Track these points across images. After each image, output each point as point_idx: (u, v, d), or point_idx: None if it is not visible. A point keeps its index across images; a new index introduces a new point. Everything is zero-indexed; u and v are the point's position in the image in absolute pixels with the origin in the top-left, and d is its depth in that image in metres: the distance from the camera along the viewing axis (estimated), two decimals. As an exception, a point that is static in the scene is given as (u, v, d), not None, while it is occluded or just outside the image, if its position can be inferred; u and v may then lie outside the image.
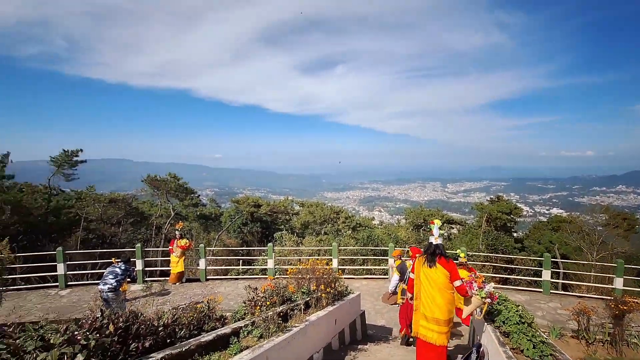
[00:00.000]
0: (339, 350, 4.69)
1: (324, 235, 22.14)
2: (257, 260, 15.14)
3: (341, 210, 27.97)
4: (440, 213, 30.73)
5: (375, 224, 33.82)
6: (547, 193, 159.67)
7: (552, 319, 7.59)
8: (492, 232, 24.83)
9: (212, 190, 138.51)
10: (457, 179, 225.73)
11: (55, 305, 8.29)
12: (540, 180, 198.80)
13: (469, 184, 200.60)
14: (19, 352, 2.58)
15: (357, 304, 6.09)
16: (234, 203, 25.49)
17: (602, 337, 5.72)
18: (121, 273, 6.48)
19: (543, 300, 8.97)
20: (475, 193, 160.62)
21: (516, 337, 3.62)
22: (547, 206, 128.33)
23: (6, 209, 17.08)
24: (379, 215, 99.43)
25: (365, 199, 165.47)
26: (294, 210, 27.42)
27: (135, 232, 22.32)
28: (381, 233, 24.63)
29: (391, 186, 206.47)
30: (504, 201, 30.25)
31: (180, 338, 3.34)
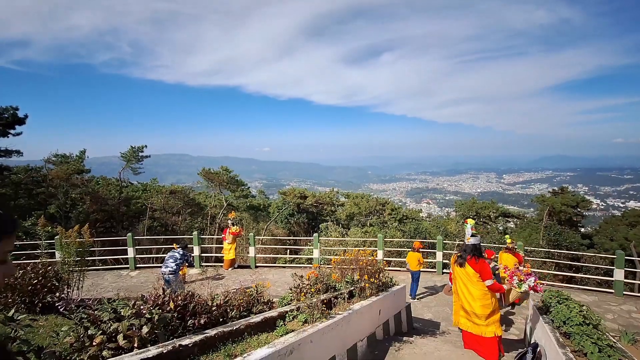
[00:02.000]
0: (384, 341, 4.68)
1: (369, 227, 21.99)
2: (304, 250, 15.51)
3: (387, 202, 27.54)
4: (495, 205, 28.97)
5: (422, 216, 32.83)
6: (622, 184, 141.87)
7: (624, 322, 6.86)
8: (555, 227, 22.89)
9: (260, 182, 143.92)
10: (514, 170, 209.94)
11: (127, 284, 9.27)
12: (615, 170, 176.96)
13: (529, 175, 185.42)
14: (97, 321, 2.99)
15: (402, 296, 6.01)
16: (281, 195, 26.28)
17: (686, 346, 5.05)
18: (180, 257, 7.07)
19: (614, 302, 8.12)
20: (536, 184, 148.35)
21: (578, 339, 3.33)
22: (623, 199, 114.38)
23: (86, 199, 19.37)
24: (427, 207, 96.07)
25: (412, 191, 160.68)
26: (339, 201, 27.57)
27: (192, 221, 24.04)
28: (429, 226, 23.89)
29: (440, 177, 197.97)
30: (569, 193, 27.67)
31: (232, 318, 3.58)
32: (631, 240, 20.12)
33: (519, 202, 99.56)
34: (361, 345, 4.25)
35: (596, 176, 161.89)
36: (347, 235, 18.49)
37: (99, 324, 3.02)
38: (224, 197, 24.92)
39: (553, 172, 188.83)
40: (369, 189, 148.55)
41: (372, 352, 4.35)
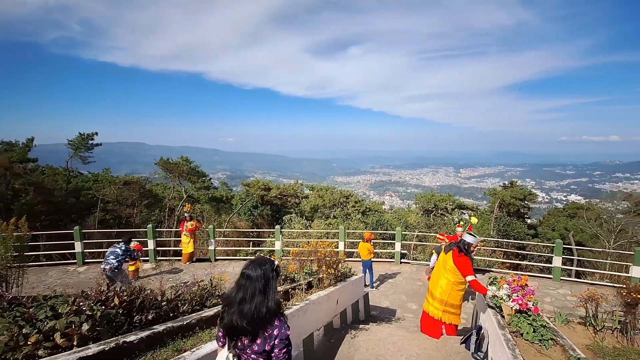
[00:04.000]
0: (340, 329, 4.77)
1: (333, 219, 22.25)
2: (266, 242, 15.40)
3: (351, 194, 27.97)
4: (452, 198, 30.40)
5: (385, 208, 33.79)
6: (565, 179, 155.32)
7: (560, 305, 7.53)
8: (504, 218, 24.52)
9: (224, 173, 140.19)
10: (471, 164, 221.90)
11: (74, 280, 8.66)
12: (559, 166, 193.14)
13: (483, 169, 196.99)
14: (32, 319, 2.76)
15: (360, 286, 6.15)
16: (245, 186, 25.78)
17: (612, 325, 5.62)
18: (121, 253, 6.68)
19: (553, 287, 8.89)
20: (490, 178, 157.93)
21: (516, 321, 3.59)
22: (565, 193, 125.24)
23: (30, 190, 17.76)
24: (389, 200, 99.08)
25: (376, 184, 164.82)
26: (303, 194, 27.57)
27: (149, 214, 22.93)
28: (390, 218, 24.62)
29: (403, 171, 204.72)
30: (517, 187, 29.68)
31: (183, 313, 3.46)
32: (570, 230, 22.03)
33: (474, 195, 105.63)
34: (318, 334, 4.30)
35: (542, 171, 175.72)
36: (311, 227, 18.59)
37: (34, 322, 2.80)
38: (183, 188, 23.99)
39: (505, 167, 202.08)
40: (334, 181, 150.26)
41: (329, 341, 4.42)
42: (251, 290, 1.81)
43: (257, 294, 1.80)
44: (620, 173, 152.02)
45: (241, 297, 1.81)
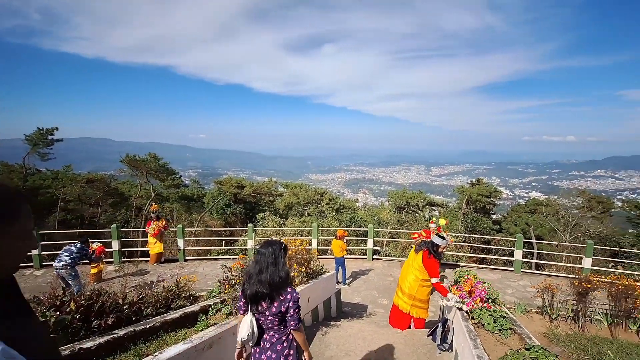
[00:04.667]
0: (312, 327, 4.78)
1: (307, 217, 22.27)
2: (238, 240, 15.16)
3: (325, 192, 28.09)
4: (423, 195, 31.23)
5: (359, 206, 34.19)
6: (527, 177, 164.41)
7: (520, 296, 7.94)
8: (472, 214, 25.56)
9: (195, 171, 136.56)
10: (441, 163, 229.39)
11: (30, 285, 8.12)
12: (522, 164, 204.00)
13: (453, 167, 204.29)
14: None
15: (332, 283, 6.19)
16: (217, 184, 25.25)
17: (565, 314, 6.00)
18: (76, 251, 6.35)
19: (514, 279, 9.34)
20: (458, 176, 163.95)
21: (478, 313, 3.75)
22: (527, 190, 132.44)
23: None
24: (363, 197, 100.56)
25: (350, 182, 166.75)
26: (277, 191, 27.38)
27: (115, 213, 21.91)
28: (364, 215, 24.97)
29: (376, 169, 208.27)
30: (484, 184, 31.01)
31: (147, 316, 3.33)
32: (531, 225, 23.27)
33: (444, 192, 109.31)
34: (288, 333, 4.28)
35: (507, 169, 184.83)
36: (285, 225, 18.49)
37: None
38: (151, 186, 23.12)
39: (473, 165, 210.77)
40: (308, 179, 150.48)
41: (300, 339, 4.42)
42: (265, 263, 2.32)
43: (269, 265, 2.30)
44: (576, 171, 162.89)
45: (259, 269, 2.31)
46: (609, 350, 4.37)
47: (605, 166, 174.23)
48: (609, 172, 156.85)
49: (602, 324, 5.69)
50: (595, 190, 71.08)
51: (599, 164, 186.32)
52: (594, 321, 5.78)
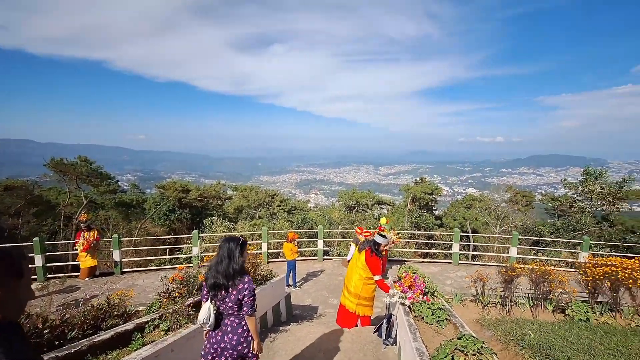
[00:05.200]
0: (260, 334, 4.68)
1: (258, 220, 21.87)
2: (183, 248, 14.41)
3: (276, 193, 27.84)
4: (372, 194, 32.34)
5: (310, 206, 34.44)
6: (464, 175, 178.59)
7: (458, 286, 8.56)
8: (416, 211, 27.03)
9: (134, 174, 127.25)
10: (388, 162, 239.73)
11: None
12: (459, 163, 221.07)
13: (399, 167, 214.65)
14: None
15: (281, 287, 6.13)
16: (159, 189, 23.72)
17: (495, 300, 6.59)
18: None
19: (452, 270, 10.05)
20: (404, 175, 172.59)
21: (419, 306, 3.97)
22: (464, 186, 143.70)
23: None
24: (315, 198, 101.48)
25: (301, 182, 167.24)
26: (226, 195, 26.53)
27: (39, 224, 19.59)
28: (315, 215, 25.19)
29: (327, 169, 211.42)
30: (426, 183, 32.99)
31: (72, 339, 3.00)
32: (467, 219, 25.26)
33: (391, 191, 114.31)
34: (235, 342, 4.15)
35: (446, 168, 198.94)
36: (235, 229, 17.97)
37: None
38: (83, 193, 21.06)
39: (417, 164, 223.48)
40: (259, 181, 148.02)
41: (247, 348, 4.30)
42: (222, 256, 2.67)
43: (225, 259, 2.65)
44: (504, 169, 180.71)
45: (217, 261, 2.68)
46: (530, 330, 4.88)
47: (528, 164, 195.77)
48: (531, 169, 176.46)
49: (525, 307, 6.35)
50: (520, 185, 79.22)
51: (523, 162, 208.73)
52: (518, 305, 6.42)
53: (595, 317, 5.92)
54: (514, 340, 4.54)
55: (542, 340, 4.43)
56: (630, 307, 6.13)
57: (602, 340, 4.56)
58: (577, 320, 5.79)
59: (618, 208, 21.09)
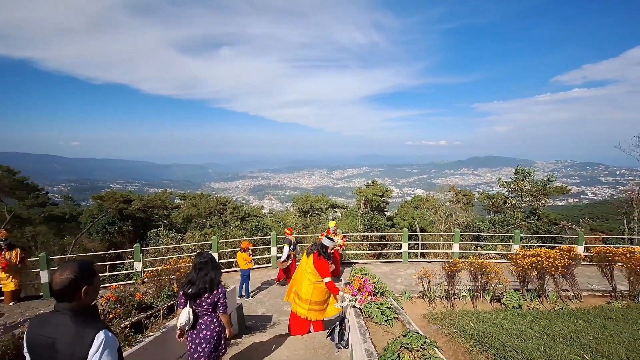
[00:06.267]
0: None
1: (209, 229, 21.01)
2: (124, 264, 13.37)
3: (228, 200, 27.02)
4: (325, 198, 32.71)
5: (264, 212, 33.90)
6: (412, 177, 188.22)
7: (407, 283, 8.92)
8: (369, 213, 27.82)
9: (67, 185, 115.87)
10: (341, 166, 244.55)
11: None
12: (407, 165, 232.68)
13: (352, 170, 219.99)
14: None
15: (232, 298, 5.92)
16: (97, 200, 21.82)
17: (440, 295, 6.99)
18: None
19: (402, 269, 10.48)
20: (357, 178, 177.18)
21: (368, 307, 4.07)
22: (412, 187, 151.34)
23: None
24: (269, 203, 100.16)
25: (255, 188, 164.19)
26: (173, 204, 25.16)
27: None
28: (270, 221, 24.83)
29: (281, 174, 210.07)
30: (378, 185, 34.15)
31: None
32: (415, 218, 26.55)
33: (345, 194, 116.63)
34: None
35: (396, 170, 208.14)
36: (184, 240, 17.08)
37: None
38: (5, 207, 18.69)
39: (369, 167, 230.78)
40: (210, 188, 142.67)
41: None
42: (208, 269, 3.29)
43: (209, 271, 3.29)
44: (448, 170, 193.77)
45: (204, 273, 3.27)
46: (471, 320, 5.25)
47: (468, 165, 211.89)
48: (470, 169, 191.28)
49: (467, 299, 6.82)
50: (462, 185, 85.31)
51: (463, 163, 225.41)
52: (461, 297, 6.87)
53: (526, 304, 6.53)
54: (456, 332, 4.84)
55: (480, 330, 4.78)
56: (554, 292, 6.86)
57: (531, 325, 5.03)
58: (511, 307, 6.33)
59: (543, 203, 23.61)
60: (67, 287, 1.71)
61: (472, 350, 4.20)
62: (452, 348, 4.49)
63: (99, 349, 1.65)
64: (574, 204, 75.98)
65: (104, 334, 1.70)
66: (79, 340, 1.66)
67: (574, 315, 5.53)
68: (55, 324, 1.71)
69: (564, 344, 4.22)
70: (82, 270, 1.76)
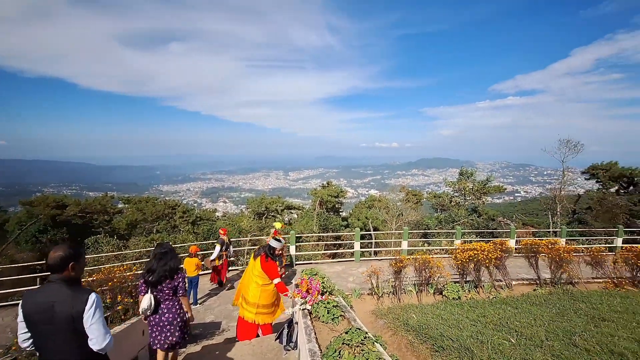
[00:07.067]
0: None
1: (156, 234, 19.85)
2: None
3: (178, 204, 25.77)
4: (281, 200, 32.49)
5: (218, 216, 32.82)
6: (366, 177, 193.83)
7: (359, 282, 9.15)
8: (324, 214, 28.13)
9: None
10: (298, 167, 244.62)
11: None
12: (362, 166, 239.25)
13: (308, 172, 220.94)
14: None
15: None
16: (25, 206, 19.62)
17: (388, 291, 7.26)
18: None
19: (355, 267, 10.72)
20: (313, 180, 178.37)
21: (316, 307, 4.11)
22: (367, 188, 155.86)
23: None
24: (223, 206, 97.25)
25: (208, 191, 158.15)
26: (116, 208, 23.43)
27: None
28: (223, 224, 24.10)
29: (236, 176, 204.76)
30: (332, 186, 34.65)
31: None
32: (369, 218, 27.35)
33: (301, 195, 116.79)
34: (117, 377, 3.65)
35: (351, 171, 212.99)
36: (128, 247, 15.96)
37: None
38: None
39: (324, 169, 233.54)
40: (158, 191, 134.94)
41: (133, 380, 3.85)
42: (166, 258, 3.62)
43: (170, 259, 3.63)
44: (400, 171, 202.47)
45: (164, 262, 3.59)
46: (414, 313, 5.52)
47: (418, 166, 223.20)
48: (420, 170, 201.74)
49: (412, 293, 7.16)
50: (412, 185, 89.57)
51: (414, 164, 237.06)
52: (407, 292, 7.21)
53: (465, 295, 7.02)
54: (401, 325, 5.06)
55: (422, 322, 5.04)
56: (489, 282, 7.45)
57: (467, 314, 5.42)
58: (451, 299, 6.77)
59: (484, 201, 25.59)
60: (59, 262, 2.17)
61: (414, 342, 4.42)
62: (397, 341, 4.69)
63: (92, 306, 2.12)
64: (510, 202, 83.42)
65: (95, 295, 2.18)
66: (77, 299, 2.11)
67: (504, 303, 6.05)
68: (51, 289, 2.14)
69: (494, 329, 4.60)
70: (70, 249, 2.24)
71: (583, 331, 4.44)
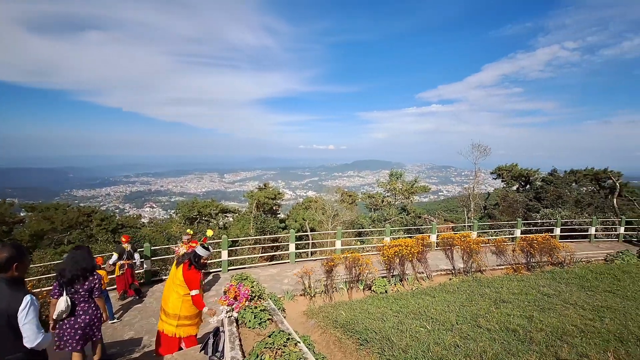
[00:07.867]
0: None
1: (67, 245, 17.57)
2: None
3: (95, 210, 23.13)
4: (215, 203, 31.11)
5: (143, 222, 30.25)
6: (304, 179, 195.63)
7: (293, 283, 9.16)
8: (261, 216, 27.66)
9: None
10: (234, 169, 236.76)
11: None
12: (300, 168, 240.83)
13: (245, 174, 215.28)
14: None
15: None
16: None
17: (320, 290, 7.40)
18: None
19: (290, 269, 10.70)
20: (250, 182, 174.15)
21: (242, 313, 4.01)
22: (305, 189, 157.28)
23: None
24: (150, 211, 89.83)
25: (132, 195, 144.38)
26: (16, 217, 20.21)
27: None
28: (150, 232, 22.34)
29: (165, 179, 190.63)
30: (270, 188, 34.26)
31: None
32: (306, 219, 27.63)
33: (238, 198, 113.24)
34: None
35: (289, 173, 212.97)
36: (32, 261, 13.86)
37: None
38: None
39: (262, 170, 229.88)
40: (71, 196, 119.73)
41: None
42: (80, 257, 3.77)
43: (83, 259, 3.79)
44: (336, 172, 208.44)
45: (75, 261, 3.70)
46: (343, 310, 5.71)
47: (353, 168, 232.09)
48: (355, 172, 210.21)
49: (344, 291, 7.41)
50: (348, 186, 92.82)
51: (349, 166, 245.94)
52: (338, 290, 7.43)
53: (391, 288, 7.46)
54: (330, 323, 5.19)
55: (350, 317, 5.24)
56: (412, 275, 8.03)
57: (391, 306, 5.77)
58: (379, 293, 7.14)
59: (412, 200, 27.54)
60: (4, 262, 2.34)
61: (342, 338, 4.57)
62: (326, 339, 4.79)
63: (26, 306, 2.31)
64: (434, 200, 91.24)
65: (30, 297, 2.37)
66: (14, 299, 2.31)
67: (424, 293, 6.58)
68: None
69: (413, 318, 4.97)
70: (14, 250, 2.41)
71: (486, 313, 5.03)
